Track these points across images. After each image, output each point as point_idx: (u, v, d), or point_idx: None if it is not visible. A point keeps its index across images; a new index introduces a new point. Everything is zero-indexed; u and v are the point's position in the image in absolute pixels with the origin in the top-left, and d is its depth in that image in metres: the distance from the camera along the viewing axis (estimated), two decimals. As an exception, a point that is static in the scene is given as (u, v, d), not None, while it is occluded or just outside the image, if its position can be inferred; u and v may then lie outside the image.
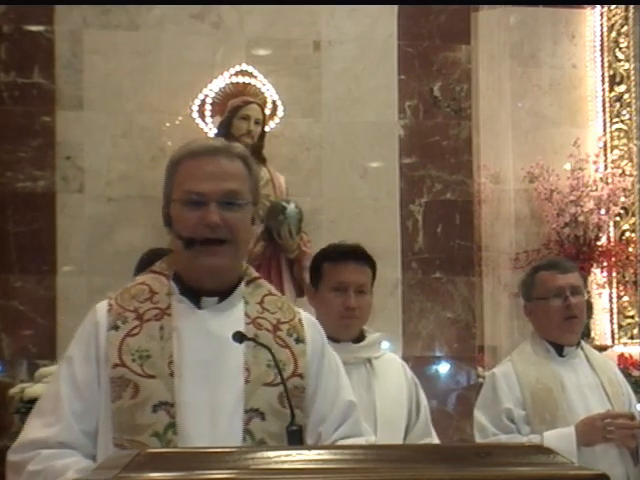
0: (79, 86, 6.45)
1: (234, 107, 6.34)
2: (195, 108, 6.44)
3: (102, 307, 2.47)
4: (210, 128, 6.44)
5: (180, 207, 2.41)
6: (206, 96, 6.44)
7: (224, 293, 2.47)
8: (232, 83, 6.44)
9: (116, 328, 2.41)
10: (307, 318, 2.58)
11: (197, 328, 2.43)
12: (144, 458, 1.69)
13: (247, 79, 6.46)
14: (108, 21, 6.51)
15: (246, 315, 2.47)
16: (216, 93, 6.43)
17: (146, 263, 3.24)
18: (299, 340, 2.49)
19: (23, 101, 6.37)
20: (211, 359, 2.40)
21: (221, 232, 2.39)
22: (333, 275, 3.53)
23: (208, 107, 6.43)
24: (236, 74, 6.47)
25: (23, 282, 6.29)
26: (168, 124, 6.49)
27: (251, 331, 2.44)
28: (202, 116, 6.46)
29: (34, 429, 2.38)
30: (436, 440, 3.64)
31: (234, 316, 2.46)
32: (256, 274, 2.58)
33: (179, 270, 2.48)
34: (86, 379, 2.39)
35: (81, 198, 6.42)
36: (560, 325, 3.89)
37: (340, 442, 2.46)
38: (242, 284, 2.51)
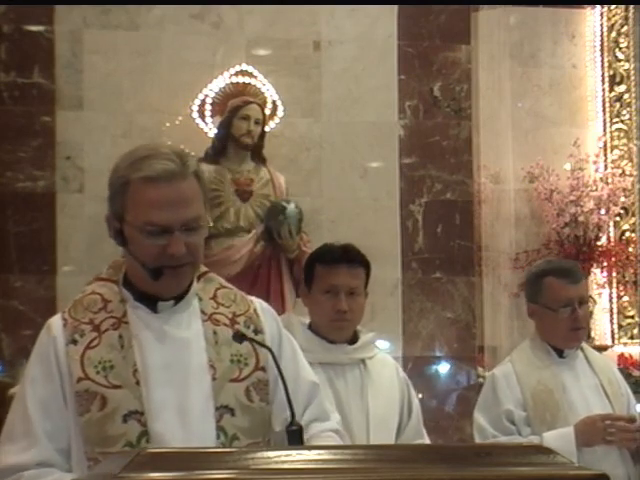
0: (79, 86, 6.45)
1: (234, 107, 6.34)
2: (195, 108, 6.44)
3: (56, 322, 2.44)
4: (210, 128, 6.45)
5: (139, 234, 2.36)
6: (206, 96, 6.44)
7: (179, 295, 2.46)
8: (232, 83, 6.44)
9: (74, 342, 2.39)
10: (261, 306, 2.57)
11: (156, 333, 2.42)
12: (144, 458, 1.69)
13: (247, 79, 6.46)
14: (108, 21, 6.51)
15: (202, 312, 2.47)
16: (216, 93, 6.43)
17: None
18: (257, 331, 2.49)
19: (23, 101, 6.37)
20: (174, 362, 2.40)
21: (185, 258, 2.38)
22: (325, 278, 3.53)
23: (208, 107, 6.43)
24: (236, 74, 6.47)
25: (23, 282, 6.29)
26: (168, 124, 6.49)
27: (209, 328, 2.44)
28: (202, 116, 6.46)
29: (9, 455, 2.34)
30: (427, 441, 3.64)
31: (190, 316, 2.46)
32: (205, 268, 2.56)
33: (132, 278, 2.46)
34: (51, 397, 2.37)
35: (81, 198, 6.42)
36: (566, 335, 3.88)
37: (310, 427, 2.47)
38: (194, 282, 2.50)
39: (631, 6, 7.94)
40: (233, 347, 2.43)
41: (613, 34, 7.93)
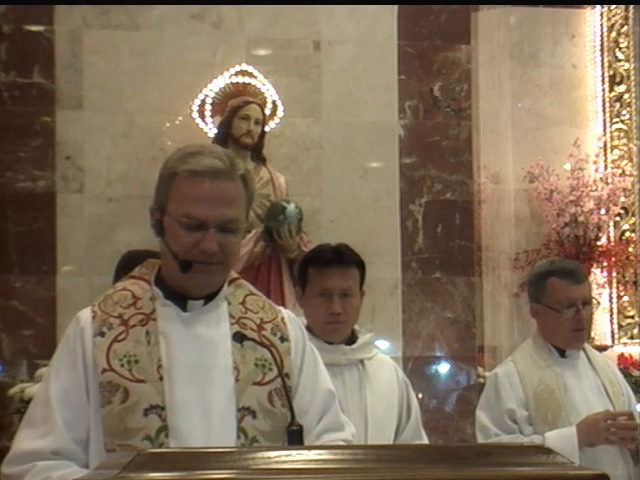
0: (79, 86, 6.45)
1: (234, 107, 6.34)
2: (195, 108, 6.44)
3: (86, 314, 2.47)
4: (210, 128, 6.45)
5: (176, 225, 2.40)
6: (206, 96, 6.44)
7: (209, 295, 2.48)
8: (232, 83, 6.44)
9: (102, 334, 2.41)
10: (289, 316, 2.60)
11: (183, 331, 2.44)
12: (144, 458, 1.69)
13: (247, 79, 6.46)
14: (108, 21, 6.51)
15: (230, 316, 2.49)
16: (216, 93, 6.43)
17: (126, 265, 3.24)
18: (283, 339, 2.51)
19: (23, 101, 6.36)
20: (199, 361, 2.42)
21: (216, 257, 2.40)
22: (317, 281, 3.53)
23: (208, 107, 6.43)
24: (236, 74, 6.47)
25: (23, 282, 6.29)
26: (168, 124, 6.49)
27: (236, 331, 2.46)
28: (202, 116, 6.45)
29: (27, 440, 2.38)
30: (426, 442, 3.64)
31: (219, 317, 2.48)
32: (236, 274, 2.59)
33: (164, 275, 2.49)
34: (74, 387, 2.39)
35: (81, 198, 6.42)
36: (568, 336, 3.89)
37: (323, 437, 2.48)
38: (225, 285, 2.52)
39: (631, 6, 7.94)
40: (258, 351, 2.45)
41: (613, 34, 7.93)
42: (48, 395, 2.39)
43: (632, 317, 7.75)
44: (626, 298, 7.77)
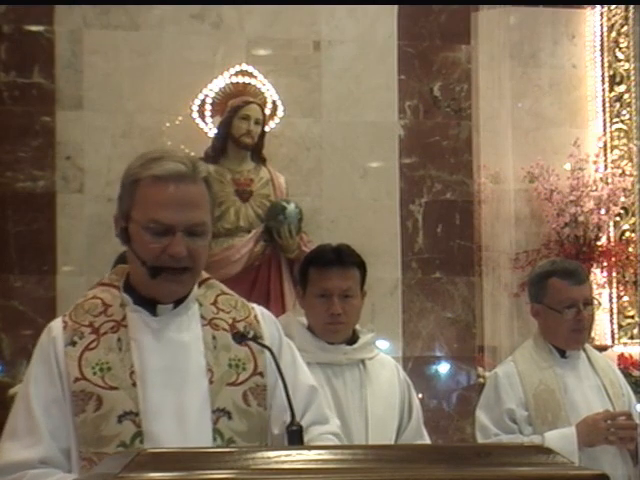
0: (79, 86, 6.45)
1: (234, 107, 6.34)
2: (195, 108, 6.44)
3: (57, 324, 2.46)
4: (210, 128, 6.44)
5: (143, 231, 2.38)
6: (206, 96, 6.43)
7: (178, 299, 2.48)
8: (232, 83, 6.44)
9: (73, 344, 2.41)
10: (262, 313, 2.59)
11: (155, 336, 2.44)
12: (144, 458, 1.69)
13: (247, 79, 6.46)
14: (108, 21, 6.51)
15: (201, 317, 2.49)
16: (216, 93, 6.43)
17: (124, 264, 3.23)
18: (257, 337, 2.50)
19: (23, 101, 6.36)
20: (172, 365, 2.41)
21: (185, 261, 2.39)
22: (317, 281, 3.53)
23: (208, 107, 6.43)
24: (236, 74, 6.47)
25: (23, 282, 6.29)
26: (168, 124, 6.49)
27: (208, 332, 2.46)
28: (202, 116, 6.45)
29: (13, 452, 2.35)
30: (428, 442, 3.64)
31: (189, 320, 2.47)
32: (207, 275, 2.58)
33: (133, 281, 2.48)
34: (53, 397, 2.39)
35: (81, 198, 6.42)
36: (569, 336, 3.88)
37: (309, 430, 2.47)
38: (195, 287, 2.51)
39: (631, 6, 7.94)
40: (232, 352, 2.45)
41: (613, 34, 7.93)
42: (30, 406, 2.38)
43: (632, 317, 7.75)
44: (626, 298, 7.77)
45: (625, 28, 7.96)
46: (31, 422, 2.36)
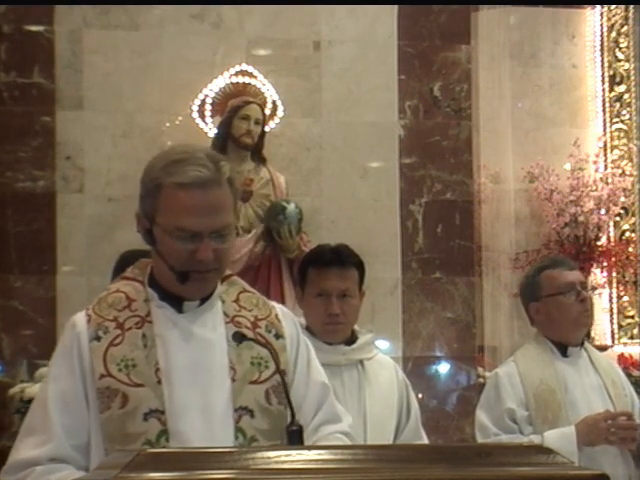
0: (79, 86, 6.45)
1: (234, 107, 6.34)
2: (195, 108, 6.44)
3: (81, 318, 2.45)
4: (210, 128, 6.44)
5: (169, 237, 2.38)
6: (206, 96, 6.43)
7: (204, 296, 2.49)
8: (232, 83, 6.44)
9: (98, 339, 2.40)
10: (282, 311, 2.60)
11: (180, 333, 2.44)
12: (144, 458, 1.69)
13: (247, 79, 6.46)
14: (108, 21, 6.51)
15: (224, 314, 2.49)
16: (216, 93, 6.43)
17: (123, 265, 3.24)
18: (278, 336, 2.51)
19: (23, 101, 6.36)
20: (197, 362, 2.41)
21: (212, 264, 2.40)
22: (316, 282, 3.54)
23: (208, 107, 6.43)
24: (236, 74, 6.47)
25: (23, 282, 6.29)
26: (168, 124, 6.49)
27: (231, 330, 2.46)
28: (202, 116, 6.45)
29: (25, 449, 2.36)
30: (426, 442, 3.64)
31: (214, 317, 2.48)
32: (229, 271, 2.58)
33: (158, 277, 2.48)
34: (72, 393, 2.38)
35: (81, 198, 6.42)
36: (577, 318, 3.88)
37: (321, 429, 2.48)
38: (218, 284, 2.52)
39: (631, 6, 7.94)
40: (254, 350, 2.44)
41: (613, 34, 7.94)
42: (46, 402, 2.38)
43: (632, 317, 7.76)
44: (626, 298, 7.78)
45: (625, 28, 7.96)
46: (45, 420, 2.36)
